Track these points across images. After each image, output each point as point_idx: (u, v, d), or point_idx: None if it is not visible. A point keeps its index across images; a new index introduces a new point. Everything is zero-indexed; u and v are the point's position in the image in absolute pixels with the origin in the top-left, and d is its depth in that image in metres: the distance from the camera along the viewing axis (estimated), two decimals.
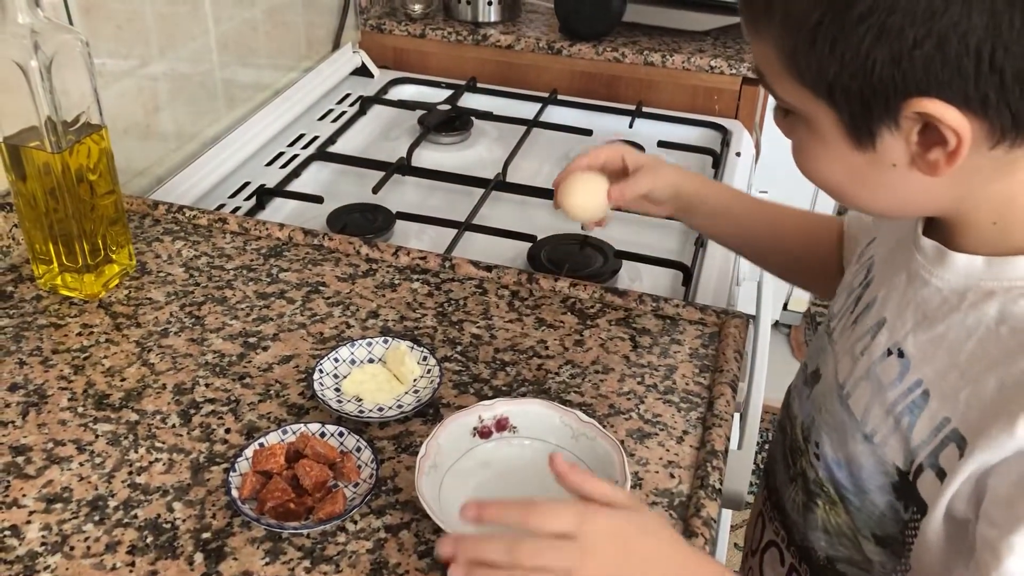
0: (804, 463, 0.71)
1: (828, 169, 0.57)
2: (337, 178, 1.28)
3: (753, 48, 0.56)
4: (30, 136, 0.82)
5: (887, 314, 0.64)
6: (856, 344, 0.66)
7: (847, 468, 0.65)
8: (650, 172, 0.84)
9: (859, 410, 0.64)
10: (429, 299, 0.92)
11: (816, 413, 0.69)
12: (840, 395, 0.66)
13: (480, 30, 1.58)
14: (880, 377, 0.62)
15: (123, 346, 0.84)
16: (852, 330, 0.67)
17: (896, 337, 0.62)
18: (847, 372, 0.66)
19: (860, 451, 0.63)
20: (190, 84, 1.21)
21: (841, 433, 0.65)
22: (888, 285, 0.65)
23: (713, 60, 1.49)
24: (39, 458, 0.72)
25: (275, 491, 0.66)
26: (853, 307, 0.69)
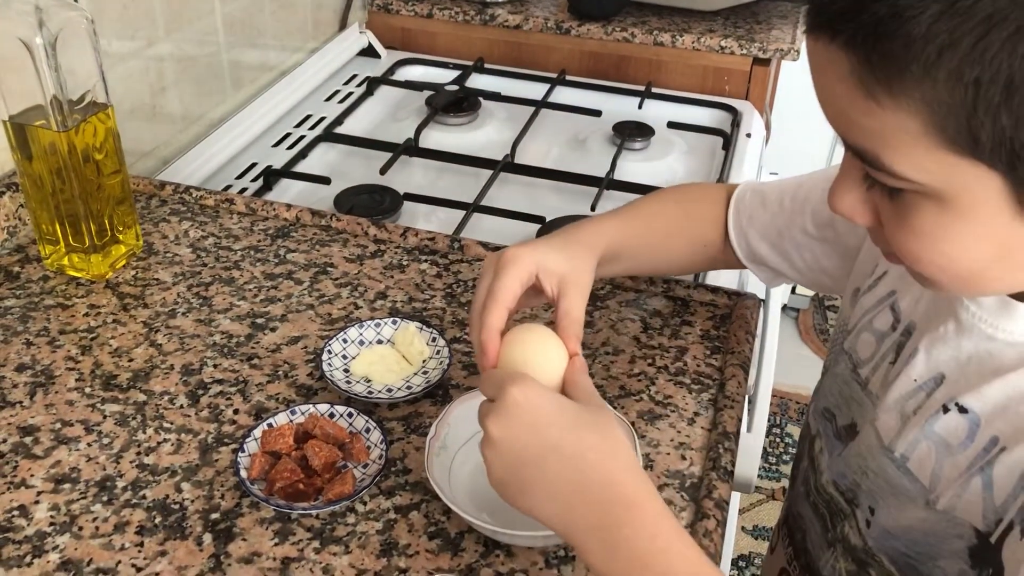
0: (848, 528, 0.66)
1: (972, 248, 0.48)
2: (344, 159, 1.27)
3: (867, 121, 0.46)
4: (36, 115, 0.81)
5: (944, 370, 0.58)
6: (906, 402, 0.60)
7: (909, 536, 0.60)
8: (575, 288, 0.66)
9: (925, 475, 0.58)
10: (438, 280, 0.91)
11: (860, 476, 0.64)
12: (892, 458, 0.60)
13: (488, 10, 1.56)
14: (945, 438, 0.57)
15: (130, 327, 0.83)
16: (896, 384, 0.61)
17: (954, 393, 0.57)
18: (895, 433, 0.60)
19: (925, 517, 0.58)
20: (196, 65, 1.21)
21: (901, 500, 0.60)
22: (932, 335, 0.59)
23: (724, 40, 1.47)
24: (47, 438, 0.71)
25: (284, 472, 0.66)
26: (893, 356, 0.62)
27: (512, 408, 0.54)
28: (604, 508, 0.52)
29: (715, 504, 0.67)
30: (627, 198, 1.18)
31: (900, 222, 0.49)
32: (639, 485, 0.53)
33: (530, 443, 0.53)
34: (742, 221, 0.79)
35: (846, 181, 0.52)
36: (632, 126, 1.35)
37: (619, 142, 1.31)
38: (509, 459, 0.54)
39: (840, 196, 0.53)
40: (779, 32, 1.51)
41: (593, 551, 0.51)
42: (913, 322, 0.62)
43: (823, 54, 0.46)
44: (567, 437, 0.53)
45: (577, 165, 1.26)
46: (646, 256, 0.79)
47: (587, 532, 0.52)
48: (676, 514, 0.67)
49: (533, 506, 0.54)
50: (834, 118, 0.49)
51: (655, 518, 0.52)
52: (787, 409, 2.25)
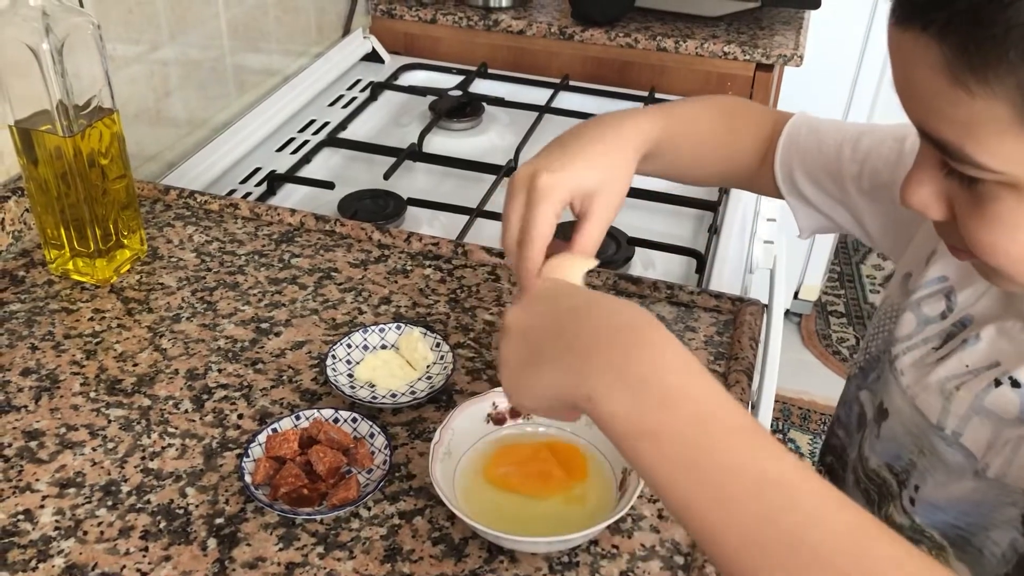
0: (892, 510, 0.66)
1: None
2: (348, 164, 1.27)
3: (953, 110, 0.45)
4: (42, 120, 0.81)
5: (1001, 359, 0.58)
6: (948, 381, 0.61)
7: (958, 509, 0.60)
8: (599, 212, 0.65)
9: (979, 447, 0.58)
10: (442, 285, 0.91)
11: (916, 456, 0.64)
12: (943, 436, 0.61)
13: (491, 15, 1.57)
14: (997, 412, 0.57)
15: (135, 331, 0.83)
16: (937, 366, 0.62)
17: (1006, 370, 0.57)
18: (940, 410, 0.61)
19: (975, 487, 0.59)
20: (201, 69, 1.21)
21: (949, 474, 0.60)
22: (996, 327, 0.59)
23: (727, 46, 1.48)
24: (52, 443, 0.71)
25: (288, 477, 0.66)
26: (939, 343, 0.63)
27: (531, 298, 0.53)
28: (623, 354, 0.46)
29: None
30: (630, 203, 1.18)
31: (977, 212, 0.49)
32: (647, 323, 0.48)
33: (547, 314, 0.51)
34: (793, 156, 0.76)
35: (920, 174, 0.52)
36: None
37: None
38: (522, 338, 0.51)
39: (913, 190, 0.52)
40: (782, 38, 1.52)
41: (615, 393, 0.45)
42: (970, 316, 0.62)
43: (910, 45, 0.46)
44: (581, 298, 0.51)
45: None
46: (680, 158, 0.76)
47: (607, 371, 0.46)
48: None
49: (545, 381, 0.48)
50: (916, 110, 0.48)
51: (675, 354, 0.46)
52: (790, 415, 2.24)
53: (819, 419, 2.23)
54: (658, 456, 0.44)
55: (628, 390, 0.45)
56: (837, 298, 2.65)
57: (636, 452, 0.45)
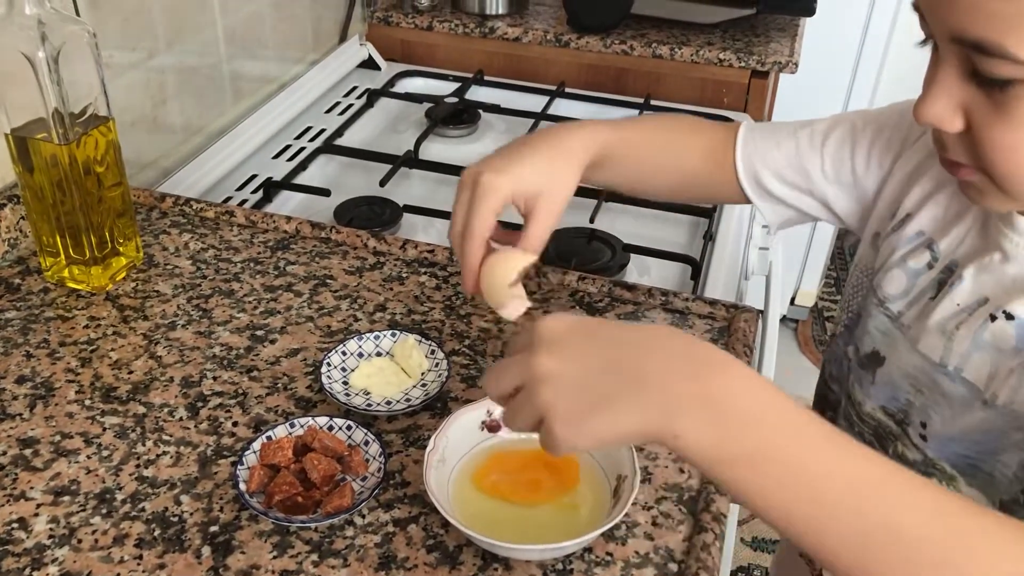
0: (901, 447, 0.70)
1: None
2: (344, 171, 1.28)
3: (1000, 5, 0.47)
4: (37, 128, 0.81)
5: (988, 293, 0.63)
6: (946, 322, 0.65)
7: (969, 438, 0.64)
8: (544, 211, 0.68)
9: (982, 379, 0.62)
10: (437, 292, 0.91)
11: (912, 395, 0.68)
12: (947, 372, 0.64)
13: (488, 22, 1.57)
14: (996, 344, 0.62)
15: (130, 339, 0.83)
16: (938, 308, 0.66)
17: (999, 304, 0.62)
18: (942, 349, 0.65)
19: (984, 417, 0.62)
20: (197, 77, 1.21)
21: (957, 407, 0.64)
22: (977, 265, 0.64)
23: (722, 53, 1.48)
24: (46, 451, 0.71)
25: (283, 485, 0.66)
26: (934, 292, 0.67)
27: (555, 336, 0.49)
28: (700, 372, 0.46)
29: (713, 518, 0.67)
30: (625, 210, 1.19)
31: (999, 116, 0.52)
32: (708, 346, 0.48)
33: (595, 359, 0.48)
34: (753, 158, 0.79)
35: (936, 90, 0.54)
36: None
37: None
38: (574, 385, 0.48)
39: (929, 104, 0.54)
40: (777, 45, 1.52)
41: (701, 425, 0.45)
42: (955, 260, 0.66)
43: None
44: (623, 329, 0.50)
45: None
46: (629, 170, 0.79)
47: (690, 405, 0.45)
48: (674, 528, 0.67)
49: (618, 414, 0.47)
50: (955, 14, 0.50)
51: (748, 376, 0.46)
52: None
53: None
54: (756, 477, 0.45)
55: (717, 419, 0.45)
56: (834, 304, 2.65)
57: (732, 477, 0.45)
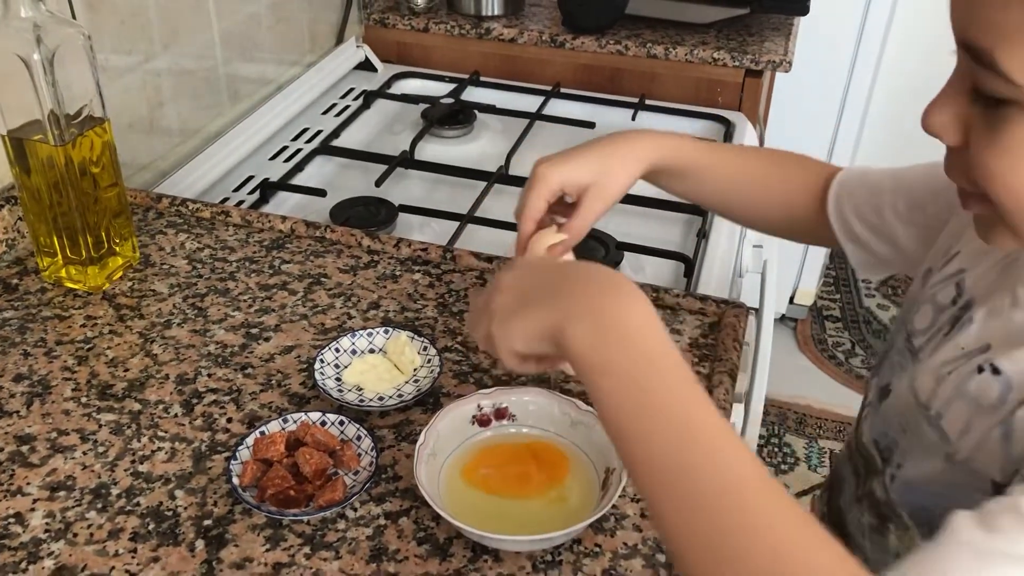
0: (875, 483, 0.69)
1: None
2: (340, 172, 1.28)
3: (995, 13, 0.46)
4: (33, 129, 0.82)
5: (991, 341, 0.59)
6: (945, 364, 0.62)
7: (929, 489, 0.62)
8: (589, 203, 0.76)
9: (954, 431, 0.60)
10: (430, 290, 0.92)
11: (898, 434, 0.66)
12: (927, 416, 0.62)
13: (483, 24, 1.58)
14: (977, 397, 0.58)
15: (126, 337, 0.84)
16: (942, 349, 0.63)
17: (990, 356, 0.58)
18: (930, 392, 0.62)
19: (944, 469, 0.60)
20: (194, 79, 1.22)
21: (924, 455, 0.62)
22: (989, 308, 0.61)
23: (716, 52, 1.49)
24: (43, 447, 0.72)
25: (275, 479, 0.67)
26: (948, 329, 0.64)
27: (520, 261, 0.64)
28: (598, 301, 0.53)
29: None
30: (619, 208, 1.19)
31: (990, 137, 0.50)
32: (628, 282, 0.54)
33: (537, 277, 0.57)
34: (843, 199, 0.81)
35: (944, 99, 0.53)
36: None
37: None
38: (515, 293, 0.57)
39: (935, 113, 0.53)
40: (771, 44, 1.53)
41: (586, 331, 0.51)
42: (974, 297, 0.63)
43: None
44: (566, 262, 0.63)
45: None
46: (713, 187, 0.84)
47: (585, 314, 0.52)
48: None
49: (532, 319, 0.54)
50: (962, 14, 0.49)
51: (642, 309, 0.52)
52: (785, 419, 2.25)
53: (815, 423, 2.23)
54: (607, 389, 0.50)
55: (595, 328, 0.51)
56: (833, 303, 2.66)
57: (592, 385, 0.51)
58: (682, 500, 0.46)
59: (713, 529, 0.45)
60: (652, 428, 0.48)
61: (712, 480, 0.46)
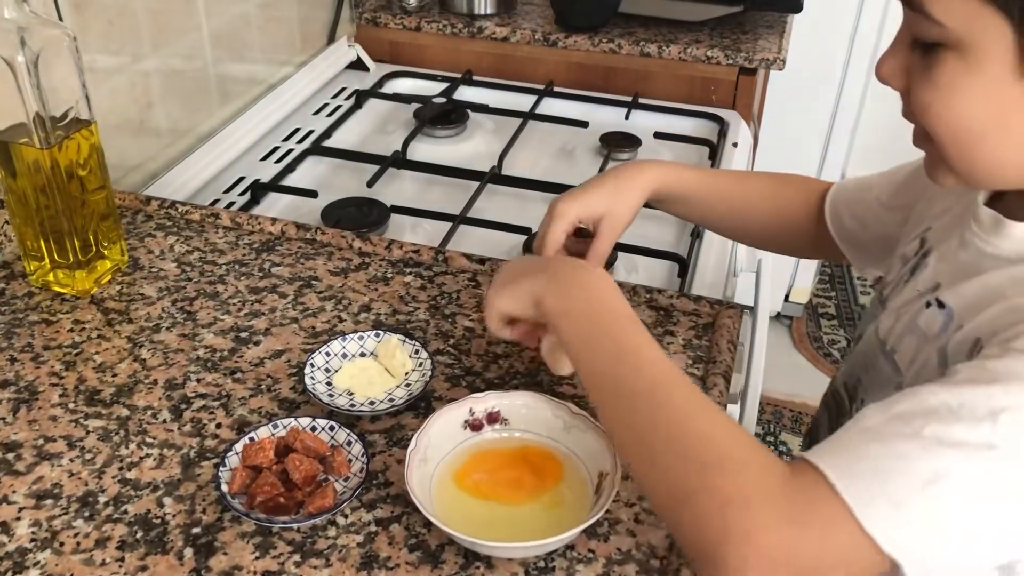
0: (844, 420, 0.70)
1: (977, 107, 0.55)
2: (332, 172, 1.28)
3: None
4: (19, 132, 0.81)
5: (941, 279, 0.65)
6: (903, 306, 0.68)
7: None
8: (611, 227, 0.84)
9: (904, 362, 0.66)
10: (422, 292, 0.91)
11: (862, 373, 0.72)
12: (884, 351, 0.68)
13: (476, 22, 1.57)
14: (924, 329, 0.64)
15: (115, 342, 0.83)
16: (902, 293, 0.70)
17: (938, 293, 0.64)
18: (888, 330, 0.69)
19: None
20: (183, 79, 1.21)
21: (883, 389, 0.67)
22: (940, 251, 0.67)
23: (710, 51, 1.48)
24: (29, 454, 0.71)
25: (264, 485, 0.66)
26: (908, 276, 0.70)
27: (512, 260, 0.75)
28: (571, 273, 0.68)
29: None
30: None
31: (925, 77, 0.56)
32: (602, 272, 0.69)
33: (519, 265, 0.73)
34: (839, 202, 0.87)
35: (891, 51, 0.59)
36: (619, 137, 1.35)
37: (606, 153, 1.32)
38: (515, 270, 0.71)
39: (883, 64, 0.60)
40: (765, 42, 1.52)
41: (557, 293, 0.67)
42: (931, 247, 0.70)
43: None
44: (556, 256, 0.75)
45: (564, 176, 1.26)
46: (723, 210, 0.91)
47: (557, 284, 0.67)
48: (656, 524, 0.67)
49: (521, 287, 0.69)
50: None
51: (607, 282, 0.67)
52: (781, 418, 2.25)
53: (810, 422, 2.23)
54: (566, 327, 0.66)
55: (564, 288, 0.67)
56: (828, 300, 2.65)
57: (557, 328, 0.66)
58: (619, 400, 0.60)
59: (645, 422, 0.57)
60: (597, 348, 0.63)
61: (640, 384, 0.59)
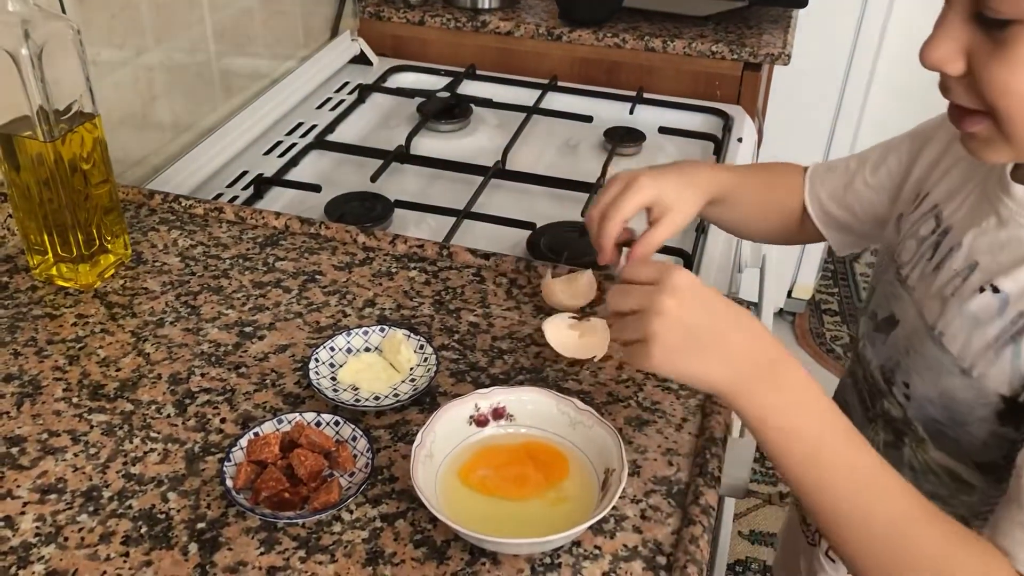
0: (888, 404, 0.76)
1: None
2: (335, 167, 1.27)
3: None
4: (22, 126, 0.81)
5: (979, 258, 0.67)
6: (945, 287, 0.69)
7: (941, 403, 0.69)
8: (676, 220, 0.83)
9: (955, 347, 0.67)
10: (426, 287, 0.91)
11: (902, 356, 0.73)
12: (932, 336, 0.69)
13: (479, 16, 1.57)
14: (977, 314, 0.65)
15: (118, 336, 0.83)
16: (936, 275, 0.70)
17: (989, 276, 0.65)
18: (937, 314, 0.69)
19: (957, 385, 0.67)
20: (187, 73, 1.21)
21: (935, 371, 0.69)
22: (976, 231, 0.68)
23: (714, 45, 1.48)
24: (33, 449, 0.71)
25: (269, 481, 0.66)
26: (931, 254, 0.72)
27: (682, 287, 0.61)
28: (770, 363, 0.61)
29: (702, 510, 0.67)
30: None
31: (1000, 55, 0.55)
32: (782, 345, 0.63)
33: (703, 314, 0.61)
34: (816, 187, 0.89)
35: (941, 34, 0.58)
36: (623, 132, 1.35)
37: (610, 148, 1.31)
38: (683, 328, 0.60)
39: (933, 48, 0.58)
40: (770, 37, 1.52)
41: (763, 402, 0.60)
42: (951, 225, 0.71)
43: None
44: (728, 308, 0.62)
45: (568, 171, 1.26)
46: (740, 211, 0.91)
47: (758, 385, 0.60)
48: (663, 521, 0.67)
49: (706, 368, 0.61)
50: None
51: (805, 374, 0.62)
52: None
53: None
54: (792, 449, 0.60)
55: (775, 396, 0.60)
56: (831, 296, 2.65)
57: (773, 444, 0.60)
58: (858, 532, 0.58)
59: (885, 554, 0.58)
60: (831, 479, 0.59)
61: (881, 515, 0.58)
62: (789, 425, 0.60)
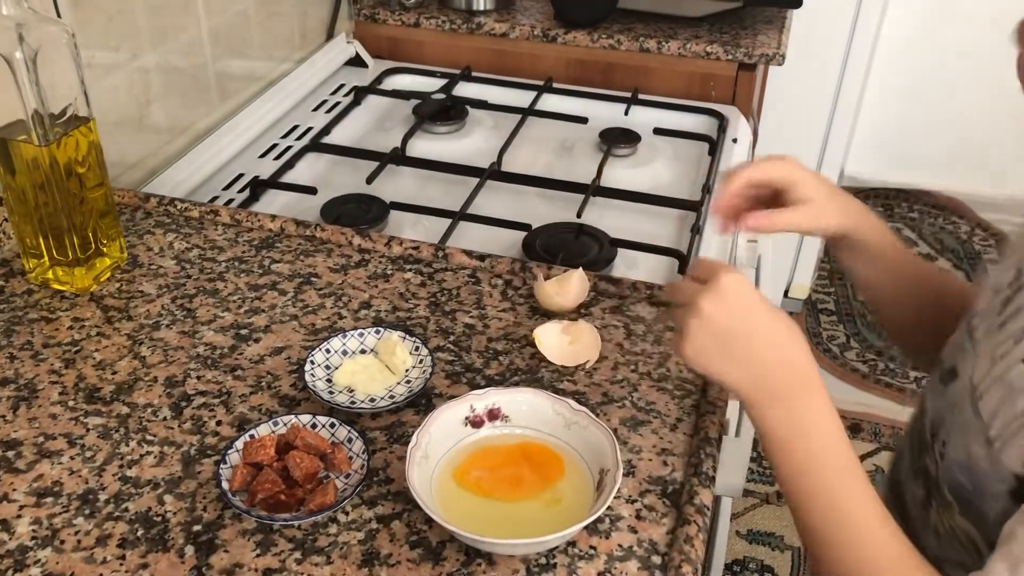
0: (927, 459, 0.72)
1: None
2: (331, 169, 1.27)
3: None
4: (17, 130, 0.81)
5: None
6: (998, 348, 0.64)
7: (968, 470, 0.64)
8: (811, 215, 0.75)
9: (987, 413, 0.63)
10: (422, 289, 0.91)
11: (948, 412, 0.69)
12: (972, 396, 0.65)
13: (474, 19, 1.57)
14: (1014, 383, 0.61)
15: (114, 339, 0.83)
16: (998, 333, 0.65)
17: None
18: (983, 374, 0.65)
19: (980, 455, 0.63)
20: (182, 76, 1.21)
21: (967, 435, 0.65)
22: None
23: (709, 46, 1.48)
24: (29, 452, 0.71)
25: (265, 483, 0.66)
26: (1000, 309, 0.66)
27: (725, 290, 0.62)
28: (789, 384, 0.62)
29: (696, 510, 0.67)
30: (613, 204, 1.19)
31: None
32: (814, 371, 0.63)
33: (738, 321, 0.62)
34: None
35: None
36: (618, 133, 1.35)
37: (605, 149, 1.32)
38: (715, 330, 0.62)
39: None
40: (764, 37, 1.52)
41: (772, 416, 0.62)
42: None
43: None
44: (768, 321, 0.63)
45: (564, 172, 1.26)
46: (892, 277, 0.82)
47: (771, 400, 0.62)
48: (658, 521, 0.67)
49: (729, 371, 0.63)
50: None
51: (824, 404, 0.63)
52: None
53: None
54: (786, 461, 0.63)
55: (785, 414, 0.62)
56: (827, 296, 2.65)
57: (772, 453, 0.63)
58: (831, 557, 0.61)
59: None
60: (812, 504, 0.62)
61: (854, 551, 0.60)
62: (791, 447, 0.62)
